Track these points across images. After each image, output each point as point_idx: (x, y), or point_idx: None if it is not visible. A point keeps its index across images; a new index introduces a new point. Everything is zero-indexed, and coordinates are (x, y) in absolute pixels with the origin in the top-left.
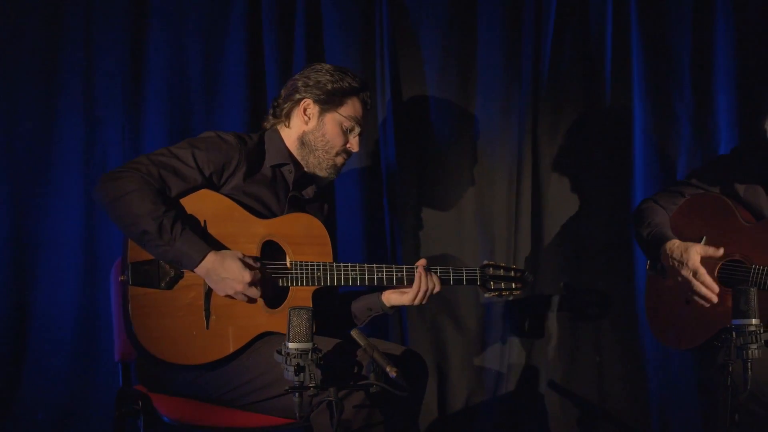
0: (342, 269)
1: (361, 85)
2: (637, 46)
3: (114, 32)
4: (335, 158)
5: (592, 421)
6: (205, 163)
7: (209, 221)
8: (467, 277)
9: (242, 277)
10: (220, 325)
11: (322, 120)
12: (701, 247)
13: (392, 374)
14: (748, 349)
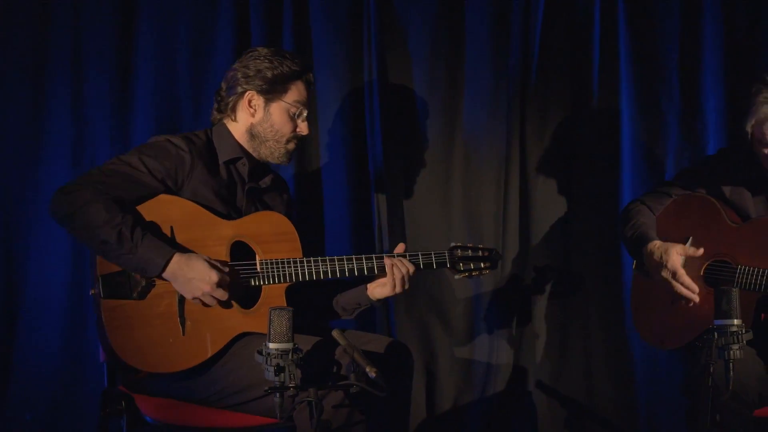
0: (312, 263)
1: (303, 67)
2: (624, 47)
3: (102, 32)
4: (286, 146)
5: (579, 421)
6: (156, 169)
7: (176, 227)
8: (436, 260)
9: (209, 277)
10: (196, 330)
11: (269, 110)
12: (681, 247)
13: (372, 374)
14: (730, 350)
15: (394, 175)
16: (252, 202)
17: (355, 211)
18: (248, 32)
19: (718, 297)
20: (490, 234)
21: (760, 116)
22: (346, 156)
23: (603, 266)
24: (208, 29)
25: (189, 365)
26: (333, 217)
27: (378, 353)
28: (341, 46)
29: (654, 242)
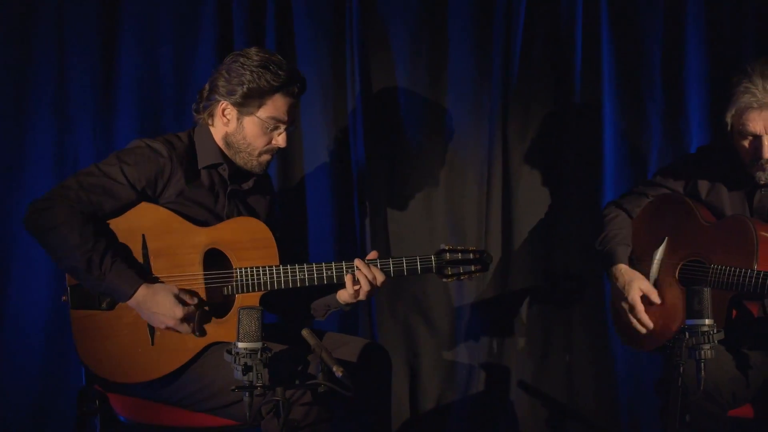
0: (289, 271)
1: (284, 81)
2: (607, 45)
3: (85, 33)
4: (259, 158)
5: (561, 420)
6: (135, 178)
7: (148, 235)
8: (422, 266)
9: (173, 313)
10: (165, 340)
11: (241, 123)
12: (644, 283)
13: (338, 374)
14: (701, 350)
15: (377, 177)
16: (234, 205)
17: (339, 214)
18: (231, 32)
19: (689, 297)
20: (473, 235)
21: (740, 105)
22: (329, 157)
23: (585, 266)
24: (190, 30)
25: (156, 376)
26: (316, 220)
27: (356, 355)
28: (324, 47)
29: (619, 267)
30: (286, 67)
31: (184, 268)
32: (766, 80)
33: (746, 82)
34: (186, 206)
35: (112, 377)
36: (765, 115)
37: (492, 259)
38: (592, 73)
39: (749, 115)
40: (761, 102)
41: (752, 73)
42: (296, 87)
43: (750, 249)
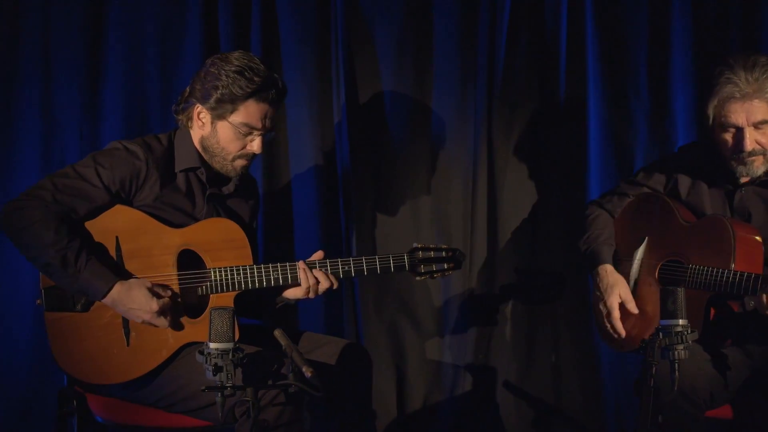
0: (263, 270)
1: (258, 87)
2: (592, 44)
3: (72, 35)
4: (233, 163)
5: (547, 420)
6: (110, 180)
7: (122, 237)
8: (395, 264)
9: (149, 306)
10: (140, 341)
11: (215, 127)
12: (624, 291)
13: (308, 374)
14: (675, 350)
15: (363, 178)
16: (213, 208)
17: (325, 216)
18: (217, 35)
19: (663, 297)
20: (459, 234)
21: (722, 96)
22: (315, 159)
23: (571, 265)
24: (176, 31)
25: (131, 377)
26: (302, 222)
27: (336, 355)
28: (309, 49)
29: (605, 267)
30: (264, 73)
31: (158, 269)
32: (749, 71)
33: (728, 73)
34: (162, 210)
35: (87, 379)
36: (747, 107)
37: (465, 256)
38: (576, 72)
39: (731, 106)
40: (743, 92)
41: (734, 64)
42: (272, 93)
43: (727, 249)
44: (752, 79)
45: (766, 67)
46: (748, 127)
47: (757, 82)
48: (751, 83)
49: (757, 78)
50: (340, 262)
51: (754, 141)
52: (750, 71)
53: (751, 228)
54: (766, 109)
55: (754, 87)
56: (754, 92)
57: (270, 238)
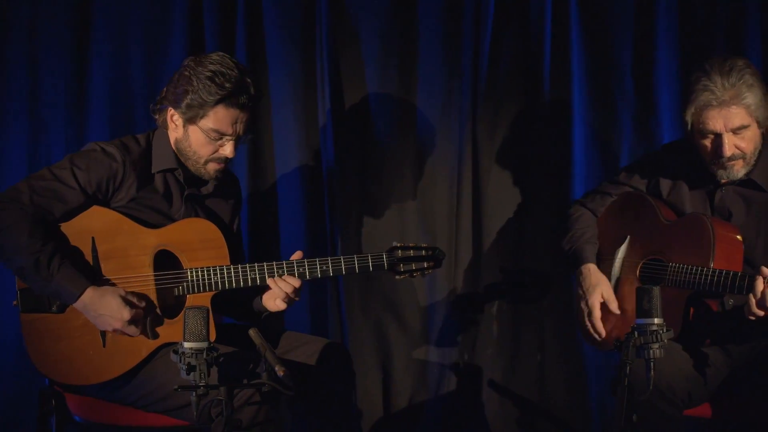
0: (240, 271)
1: (228, 93)
2: (577, 43)
3: (58, 35)
4: (206, 167)
5: (532, 419)
6: (86, 182)
7: (98, 238)
8: (373, 264)
9: (121, 315)
10: (116, 342)
11: (187, 131)
12: (606, 290)
13: (280, 373)
14: (650, 349)
15: (348, 177)
16: (192, 208)
17: (310, 216)
18: (202, 35)
19: (639, 296)
20: (444, 233)
21: (699, 104)
22: (300, 158)
23: (556, 264)
24: (161, 33)
25: (108, 378)
26: (288, 222)
27: (315, 355)
28: (294, 48)
29: (588, 266)
30: (235, 78)
31: (135, 270)
32: (725, 77)
33: (705, 79)
34: (140, 210)
35: (64, 379)
36: (724, 113)
37: (445, 255)
38: (561, 72)
39: (708, 113)
40: (720, 100)
41: (710, 70)
42: (242, 98)
43: (707, 247)
44: (729, 85)
45: (744, 72)
46: (727, 133)
47: (733, 87)
48: (727, 89)
49: (733, 84)
50: (318, 262)
51: (733, 146)
52: (726, 77)
53: (731, 227)
54: (744, 115)
55: (731, 93)
56: (731, 99)
57: (255, 238)
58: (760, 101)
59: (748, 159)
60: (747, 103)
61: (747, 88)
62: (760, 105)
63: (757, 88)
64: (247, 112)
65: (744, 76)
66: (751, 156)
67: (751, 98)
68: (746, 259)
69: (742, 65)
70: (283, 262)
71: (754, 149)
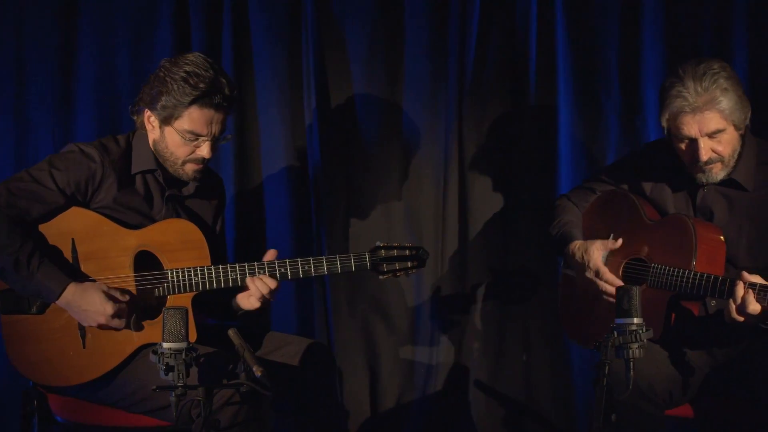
0: (221, 271)
1: (201, 94)
2: (562, 42)
3: (44, 35)
4: (183, 167)
5: (519, 419)
6: (65, 183)
7: (78, 239)
8: (356, 263)
9: (104, 309)
10: (96, 342)
11: (163, 132)
12: (600, 243)
13: (258, 374)
14: (629, 349)
15: (334, 177)
16: (173, 209)
17: (297, 216)
18: (189, 34)
19: (619, 295)
20: (430, 233)
21: (673, 110)
22: (287, 158)
23: (541, 264)
24: (147, 34)
25: (87, 378)
26: (274, 221)
27: (298, 355)
28: (280, 47)
29: (575, 242)
30: (209, 79)
31: (115, 271)
32: (698, 82)
33: (678, 85)
34: (119, 211)
35: (44, 381)
36: (698, 118)
37: (429, 255)
38: (546, 71)
39: (683, 119)
40: (693, 106)
41: (684, 75)
42: (216, 98)
43: (689, 249)
44: (702, 90)
45: (717, 75)
46: (702, 138)
47: (707, 92)
48: (701, 94)
49: (707, 88)
50: (300, 262)
51: (710, 150)
52: (699, 81)
53: (713, 227)
54: (719, 119)
55: (705, 98)
56: (704, 104)
57: (242, 238)
58: (735, 104)
59: (727, 161)
60: (721, 108)
61: (721, 92)
62: (736, 108)
63: (732, 91)
64: (223, 112)
65: (718, 80)
66: (730, 158)
67: (726, 102)
68: (729, 259)
69: (716, 69)
70: (265, 263)
71: (732, 152)
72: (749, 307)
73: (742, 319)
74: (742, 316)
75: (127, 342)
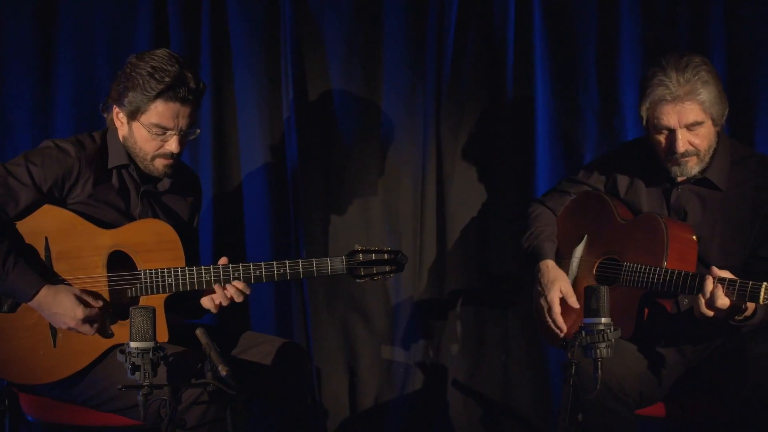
0: (195, 273)
1: (166, 87)
2: (540, 42)
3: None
4: (153, 163)
5: (497, 419)
6: (41, 179)
7: (51, 238)
8: (332, 267)
9: (74, 313)
10: (67, 342)
11: (131, 128)
12: (565, 285)
13: (222, 373)
14: (597, 348)
15: (312, 177)
16: (149, 205)
17: (275, 215)
18: (167, 34)
19: (587, 296)
20: (409, 232)
21: (654, 99)
22: (265, 158)
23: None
24: (126, 32)
25: (57, 377)
26: (253, 221)
27: (271, 354)
28: (258, 47)
29: (546, 263)
30: (174, 73)
31: (87, 271)
32: (680, 73)
33: (660, 74)
34: (95, 208)
35: (15, 379)
36: (678, 108)
37: (407, 259)
38: (524, 71)
39: (663, 108)
40: (674, 95)
41: (666, 65)
42: (182, 92)
43: (660, 247)
44: (683, 81)
45: (699, 68)
46: (681, 129)
47: (688, 83)
48: (682, 85)
49: (688, 79)
50: (275, 265)
51: (687, 142)
52: (682, 72)
53: (685, 226)
54: (698, 111)
55: (686, 89)
56: (685, 94)
57: (220, 238)
58: (714, 98)
59: (702, 156)
60: (701, 99)
61: (702, 84)
62: (715, 102)
63: (713, 85)
64: (189, 106)
65: (699, 73)
66: (705, 153)
67: (706, 94)
68: (701, 258)
69: (698, 62)
70: (240, 265)
71: (708, 147)
72: (718, 301)
73: (711, 313)
74: (711, 311)
75: (97, 341)
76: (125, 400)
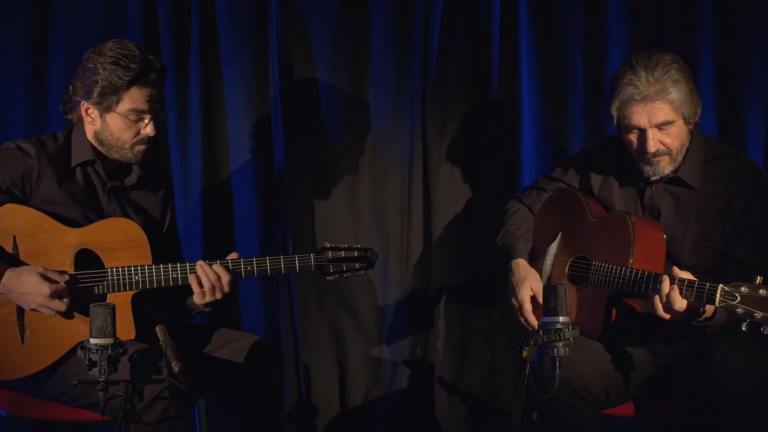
0: (162, 270)
1: (137, 73)
2: (526, 40)
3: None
4: (133, 150)
5: (483, 417)
6: (1, 180)
7: (19, 237)
8: (300, 264)
9: (40, 290)
10: (35, 338)
11: (105, 120)
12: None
13: (175, 369)
14: (555, 347)
15: (300, 173)
16: (117, 201)
17: (264, 212)
18: (157, 35)
19: (545, 294)
20: (396, 230)
21: (623, 98)
22: (253, 156)
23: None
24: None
25: (25, 374)
26: (242, 218)
27: (244, 351)
28: (247, 45)
29: (518, 262)
30: (140, 58)
31: (55, 269)
32: (650, 72)
33: (630, 73)
34: (61, 206)
35: None
36: (648, 108)
37: (377, 256)
38: (510, 68)
39: (632, 108)
40: (644, 94)
41: (636, 64)
42: (152, 76)
43: (627, 246)
44: (653, 80)
45: (669, 67)
46: (651, 129)
47: (658, 82)
48: (651, 84)
49: (658, 78)
50: (242, 262)
51: (658, 142)
52: (651, 71)
53: (655, 225)
54: (669, 110)
55: (656, 88)
56: (655, 94)
57: (210, 235)
58: (685, 97)
59: (674, 155)
60: (671, 99)
61: (672, 83)
62: (686, 101)
63: (683, 83)
64: (159, 89)
65: (669, 71)
66: (677, 152)
67: (676, 93)
68: (673, 257)
69: (668, 60)
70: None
71: (680, 146)
72: (675, 304)
73: (668, 316)
74: (668, 314)
75: (65, 338)
76: (93, 396)
